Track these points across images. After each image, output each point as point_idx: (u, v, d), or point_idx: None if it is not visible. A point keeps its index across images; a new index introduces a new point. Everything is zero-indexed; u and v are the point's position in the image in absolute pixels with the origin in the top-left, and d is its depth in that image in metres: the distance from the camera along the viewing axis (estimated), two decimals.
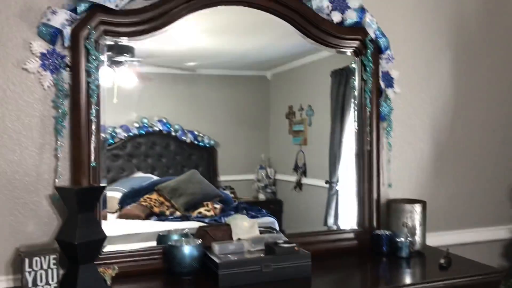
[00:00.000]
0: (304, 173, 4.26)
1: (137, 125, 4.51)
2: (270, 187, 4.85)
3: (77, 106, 1.90)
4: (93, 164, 1.91)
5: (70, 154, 1.92)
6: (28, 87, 1.89)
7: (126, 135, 4.46)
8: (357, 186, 2.44)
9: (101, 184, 1.94)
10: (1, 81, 1.86)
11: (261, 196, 4.84)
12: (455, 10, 2.66)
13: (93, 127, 1.91)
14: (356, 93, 2.41)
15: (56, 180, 1.91)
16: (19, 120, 1.89)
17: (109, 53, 3.18)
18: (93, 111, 1.91)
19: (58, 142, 1.91)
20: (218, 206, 3.97)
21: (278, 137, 4.79)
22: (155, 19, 2.03)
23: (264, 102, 4.82)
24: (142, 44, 2.17)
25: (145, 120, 4.54)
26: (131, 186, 4.04)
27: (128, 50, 2.98)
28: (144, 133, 4.57)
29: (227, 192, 4.54)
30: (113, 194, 3.84)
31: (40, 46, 1.88)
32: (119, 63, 3.56)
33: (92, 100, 1.91)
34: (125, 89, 3.83)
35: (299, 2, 2.22)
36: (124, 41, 2.10)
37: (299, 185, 4.36)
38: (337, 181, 3.33)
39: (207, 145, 4.77)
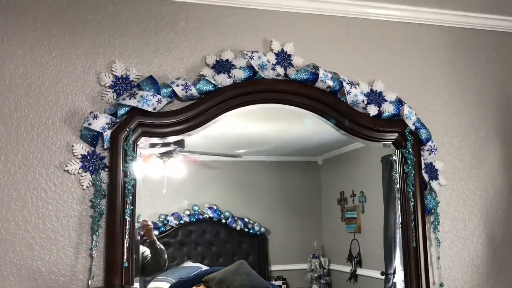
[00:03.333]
0: (359, 263, 4.05)
1: (188, 212, 4.57)
2: (324, 277, 4.63)
3: (113, 206, 1.95)
4: (125, 264, 1.91)
5: (104, 254, 1.94)
6: (68, 187, 1.97)
7: (177, 222, 4.52)
8: (405, 285, 2.26)
9: (133, 286, 1.92)
10: (44, 182, 1.95)
11: (315, 287, 4.62)
12: (499, 96, 2.56)
13: (127, 226, 1.93)
14: (398, 186, 2.31)
15: (90, 281, 1.91)
16: (58, 220, 1.95)
17: (159, 146, 3.32)
18: (128, 210, 1.94)
19: (94, 241, 1.93)
20: None
21: (330, 224, 4.64)
22: (191, 119, 2.09)
23: (315, 188, 4.75)
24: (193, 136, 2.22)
25: (196, 208, 4.60)
26: (180, 276, 4.01)
27: (178, 142, 3.09)
28: (194, 220, 4.60)
29: (279, 283, 4.38)
30: (161, 285, 3.81)
31: (81, 148, 1.98)
32: (169, 153, 3.70)
33: (128, 199, 1.94)
34: (176, 179, 3.94)
35: (334, 98, 2.23)
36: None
37: (354, 276, 4.13)
38: (394, 272, 3.13)
39: (258, 233, 4.70)
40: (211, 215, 4.63)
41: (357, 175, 4.10)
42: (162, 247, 3.39)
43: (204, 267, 4.21)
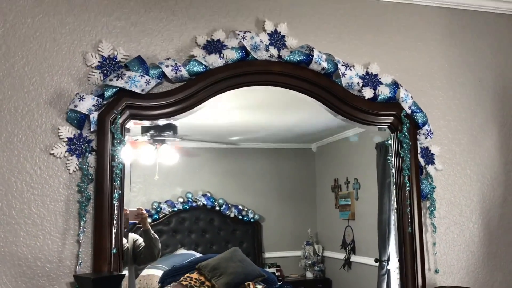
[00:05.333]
0: (352, 250, 4.03)
1: (181, 200, 4.52)
2: (318, 264, 4.61)
3: (101, 190, 1.89)
4: (114, 250, 1.85)
5: (92, 240, 1.88)
6: (55, 171, 1.91)
7: (171, 210, 4.48)
8: (400, 271, 2.23)
9: (121, 272, 1.87)
10: (29, 166, 1.89)
11: (309, 275, 4.60)
12: (497, 80, 2.51)
13: (115, 212, 1.87)
14: (393, 171, 2.26)
15: (77, 268, 1.86)
16: (44, 205, 1.89)
17: (152, 132, 3.25)
18: (116, 195, 1.88)
19: (81, 227, 1.88)
20: (260, 286, 3.78)
21: (324, 211, 4.61)
22: (181, 101, 2.02)
23: (310, 175, 4.71)
24: (184, 121, 2.16)
25: (190, 195, 4.55)
26: (173, 263, 3.97)
27: (170, 128, 3.03)
28: (188, 208, 4.56)
29: (272, 270, 4.35)
30: (154, 272, 3.77)
31: (67, 131, 1.91)
32: (161, 140, 3.63)
33: (116, 184, 1.88)
34: (169, 165, 3.88)
35: (328, 80, 2.17)
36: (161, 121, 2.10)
37: (348, 263, 4.11)
38: (388, 259, 3.10)
39: (252, 220, 4.67)
40: (205, 203, 4.58)
41: (352, 162, 4.06)
42: (156, 236, 3.35)
43: (198, 255, 4.17)
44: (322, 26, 2.27)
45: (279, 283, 4.10)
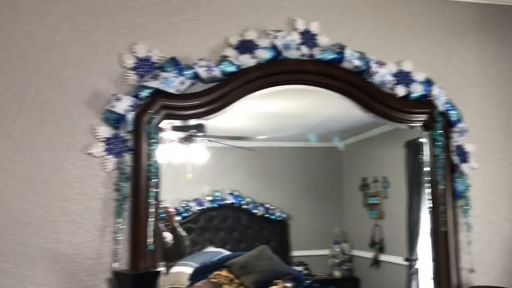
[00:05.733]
0: (381, 249, 4.01)
1: (209, 198, 4.57)
2: (346, 263, 4.60)
3: (137, 189, 1.93)
4: (150, 247, 1.89)
5: (129, 237, 1.93)
6: (93, 170, 1.96)
7: (199, 208, 4.53)
8: (434, 271, 2.21)
9: (157, 269, 1.91)
10: (68, 165, 1.94)
11: (337, 273, 4.59)
12: None
13: (152, 210, 1.91)
14: (426, 169, 2.24)
15: (115, 264, 1.90)
16: (83, 203, 1.94)
17: (182, 131, 3.30)
18: (152, 193, 1.92)
19: (119, 224, 1.92)
20: (289, 284, 3.79)
21: (352, 210, 4.60)
22: (214, 101, 2.05)
23: (337, 174, 4.70)
24: (213, 120, 2.19)
25: (218, 194, 4.59)
26: (202, 261, 4.02)
27: (200, 127, 3.07)
28: (216, 206, 4.61)
29: (300, 269, 4.36)
30: (184, 269, 3.82)
31: (104, 131, 1.96)
32: (191, 139, 3.68)
33: (152, 182, 1.92)
34: (198, 164, 3.93)
35: (360, 78, 2.17)
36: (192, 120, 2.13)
37: (376, 262, 4.09)
38: (417, 258, 3.07)
39: (279, 218, 4.69)
40: (233, 201, 4.63)
41: (380, 160, 4.04)
42: (184, 233, 3.40)
43: (226, 252, 4.21)
44: (354, 24, 2.26)
45: (307, 282, 4.10)
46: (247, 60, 2.05)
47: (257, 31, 2.12)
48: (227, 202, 4.60)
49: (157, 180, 1.94)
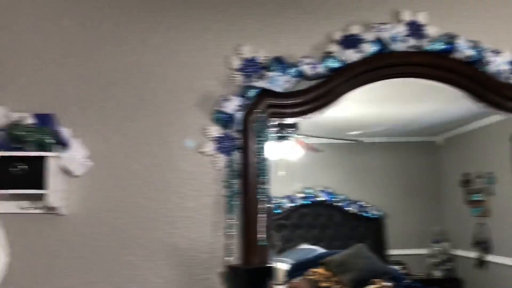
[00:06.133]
0: (487, 249, 3.78)
1: (301, 195, 4.58)
2: (447, 263, 4.39)
3: (247, 186, 1.99)
4: (262, 242, 1.94)
5: (240, 233, 1.99)
6: (205, 168, 2.05)
7: (291, 205, 4.56)
8: None
9: (270, 264, 1.95)
10: (182, 163, 2.05)
11: (437, 273, 4.40)
12: None
13: (262, 205, 1.96)
14: None
15: (228, 258, 1.97)
16: (197, 200, 2.03)
17: (275, 129, 3.34)
18: (262, 189, 1.97)
19: (230, 220, 1.99)
20: (388, 284, 3.70)
21: (452, 207, 4.38)
22: (319, 98, 2.06)
23: (434, 169, 4.50)
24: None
25: (310, 191, 4.59)
26: (297, 258, 4.04)
27: (293, 125, 3.09)
28: (309, 203, 4.61)
29: (397, 268, 4.23)
30: (279, 266, 3.86)
31: (215, 130, 2.04)
32: (284, 137, 3.71)
33: (260, 179, 1.97)
34: (290, 161, 3.96)
35: (472, 68, 2.06)
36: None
37: (481, 262, 3.86)
38: None
39: (374, 216, 4.58)
40: (325, 198, 4.60)
41: (484, 155, 3.81)
42: (274, 232, 3.43)
43: (321, 250, 4.20)
44: (465, 13, 2.15)
45: (407, 281, 3.97)
46: (351, 55, 2.03)
47: (361, 25, 2.09)
48: (320, 199, 4.58)
49: (266, 177, 1.98)
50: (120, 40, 2.08)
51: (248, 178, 1.99)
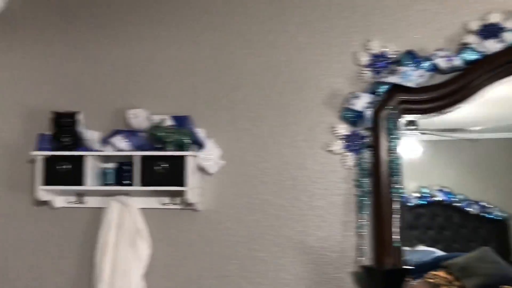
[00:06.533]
0: None
1: (417, 195, 4.38)
2: None
3: (379, 185, 1.94)
4: (396, 244, 1.88)
5: (373, 233, 1.95)
6: (333, 167, 2.04)
7: (406, 205, 4.37)
8: None
9: (406, 266, 1.88)
10: (310, 162, 2.05)
11: None
12: None
13: (395, 205, 1.90)
14: None
15: (360, 259, 1.94)
16: (325, 198, 2.03)
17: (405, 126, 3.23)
18: (395, 189, 1.91)
19: (361, 220, 1.96)
20: None
21: None
22: (454, 93, 1.95)
23: None
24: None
25: (425, 190, 4.37)
26: (414, 259, 3.87)
27: (413, 122, 2.96)
28: (424, 203, 4.39)
29: None
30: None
31: (343, 129, 2.02)
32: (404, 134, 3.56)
33: (394, 178, 1.91)
34: (406, 159, 3.80)
35: None
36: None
37: None
38: None
39: (497, 218, 4.25)
40: (442, 198, 4.35)
41: None
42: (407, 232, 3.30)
43: (440, 252, 3.98)
44: None
45: None
46: (492, 45, 1.90)
47: (502, 12, 1.94)
48: (436, 199, 4.35)
49: (399, 176, 1.92)
50: (249, 42, 2.14)
51: (379, 177, 1.94)
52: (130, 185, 2.05)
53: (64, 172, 2.05)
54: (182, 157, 1.99)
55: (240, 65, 2.14)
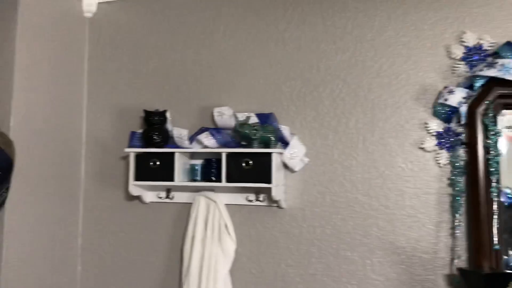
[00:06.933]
0: None
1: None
2: None
3: (475, 184, 1.84)
4: (496, 246, 1.78)
5: (468, 234, 1.85)
6: (424, 165, 1.96)
7: (505, 206, 4.11)
8: None
9: (507, 270, 1.78)
10: (400, 160, 1.99)
11: None
12: None
13: (495, 206, 1.79)
14: None
15: (456, 261, 1.86)
16: (417, 198, 1.95)
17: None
18: (493, 189, 1.80)
19: (455, 221, 1.87)
20: None
21: None
22: None
23: None
24: None
25: (508, 191, 4.10)
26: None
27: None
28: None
29: None
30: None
31: (435, 125, 1.93)
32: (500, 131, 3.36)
33: (493, 177, 1.81)
34: (505, 157, 3.56)
35: None
36: None
37: None
38: None
39: None
40: None
41: None
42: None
43: None
44: None
45: None
46: None
47: None
48: None
49: (497, 175, 1.81)
50: (334, 37, 2.11)
51: (476, 176, 1.84)
52: (216, 181, 2.09)
53: (154, 168, 2.12)
54: (267, 154, 2.00)
55: (326, 61, 2.11)
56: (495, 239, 1.78)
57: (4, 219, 1.95)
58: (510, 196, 4.05)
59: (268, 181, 1.98)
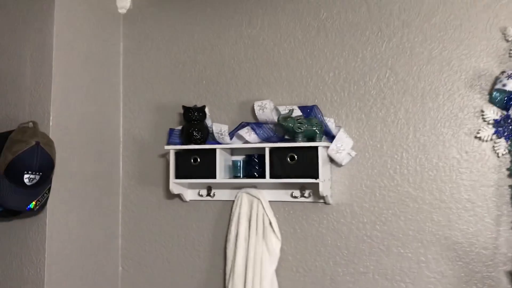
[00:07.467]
0: None
1: None
2: None
3: None
4: None
5: None
6: (481, 155, 1.85)
7: None
8: None
9: None
10: (454, 150, 1.88)
11: None
12: None
13: None
14: None
15: None
16: (473, 190, 1.85)
17: None
18: None
19: None
20: None
21: None
22: None
23: None
24: None
25: None
26: None
27: None
28: None
29: None
30: None
31: (492, 112, 1.82)
32: None
33: None
34: None
35: None
36: None
37: None
38: None
39: None
40: None
41: None
42: None
43: None
44: None
45: None
46: None
47: None
48: None
49: None
50: (379, 23, 2.01)
51: None
52: (260, 177, 2.02)
53: (195, 166, 2.06)
54: (313, 148, 1.92)
55: (371, 48, 2.01)
56: None
57: (46, 220, 1.92)
58: None
59: (315, 176, 1.90)
